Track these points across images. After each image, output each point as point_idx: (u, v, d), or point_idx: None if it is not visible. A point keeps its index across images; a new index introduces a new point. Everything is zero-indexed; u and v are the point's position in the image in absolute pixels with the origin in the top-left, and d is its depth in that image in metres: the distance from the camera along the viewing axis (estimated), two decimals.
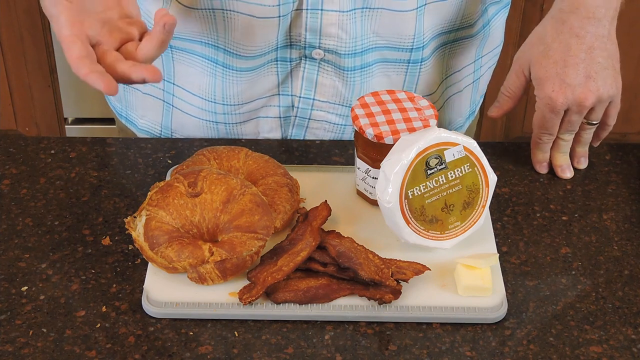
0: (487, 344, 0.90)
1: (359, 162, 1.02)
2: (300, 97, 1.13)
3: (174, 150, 1.13)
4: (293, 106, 1.14)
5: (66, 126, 2.46)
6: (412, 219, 0.95)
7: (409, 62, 1.12)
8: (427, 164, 0.94)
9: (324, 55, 1.09)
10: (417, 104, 1.02)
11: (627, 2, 2.39)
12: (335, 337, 0.90)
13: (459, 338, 0.90)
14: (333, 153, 1.13)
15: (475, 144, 0.96)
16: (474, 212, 0.97)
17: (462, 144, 0.95)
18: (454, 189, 0.95)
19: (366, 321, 0.91)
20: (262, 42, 1.07)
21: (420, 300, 0.92)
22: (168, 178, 1.06)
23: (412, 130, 0.98)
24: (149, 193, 0.96)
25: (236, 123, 1.16)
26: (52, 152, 1.12)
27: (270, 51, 1.09)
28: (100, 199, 1.05)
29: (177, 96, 1.16)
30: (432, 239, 0.96)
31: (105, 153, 1.12)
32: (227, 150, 1.04)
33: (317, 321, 0.91)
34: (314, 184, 1.06)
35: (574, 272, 0.98)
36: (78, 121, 2.46)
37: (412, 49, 1.10)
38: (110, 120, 2.41)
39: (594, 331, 0.91)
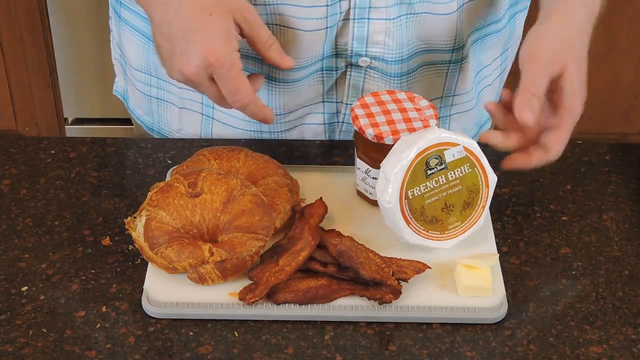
0: (487, 344, 0.90)
1: (359, 162, 1.02)
2: (346, 104, 1.13)
3: (174, 150, 1.13)
4: (338, 112, 1.14)
5: (66, 126, 2.46)
6: (412, 219, 0.95)
7: (450, 63, 1.12)
8: (427, 164, 0.94)
9: (371, 62, 1.09)
10: (417, 104, 1.02)
11: (627, 2, 2.38)
12: (335, 337, 0.90)
13: (459, 338, 0.90)
14: (333, 153, 1.13)
15: (475, 144, 0.96)
16: (474, 213, 0.97)
17: (462, 144, 0.95)
18: (454, 189, 0.95)
19: (366, 321, 0.91)
20: (309, 54, 1.07)
21: (420, 300, 0.92)
22: (168, 178, 1.06)
23: (412, 130, 0.98)
24: (149, 193, 0.96)
25: (281, 131, 1.16)
26: (52, 152, 1.12)
27: (316, 62, 1.09)
28: (100, 199, 1.05)
29: (217, 109, 1.16)
30: (432, 239, 0.96)
31: (105, 153, 1.12)
32: (227, 151, 1.04)
33: (317, 321, 0.91)
34: (314, 184, 1.06)
35: (574, 272, 0.98)
36: (78, 121, 2.46)
37: (453, 49, 1.11)
38: (110, 121, 2.43)
39: (594, 331, 0.91)
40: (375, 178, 1.01)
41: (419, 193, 0.94)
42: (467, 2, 1.09)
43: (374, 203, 1.03)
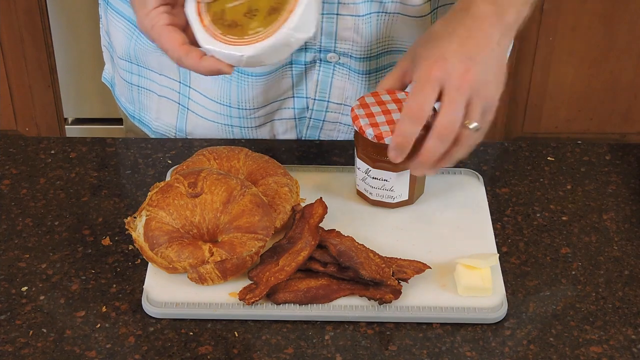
0: (487, 344, 0.90)
1: (359, 162, 1.02)
2: (315, 99, 1.13)
3: (174, 150, 1.13)
4: (308, 108, 1.14)
5: (66, 126, 2.46)
6: (209, 22, 0.88)
7: None
8: None
9: (339, 58, 1.10)
10: None
11: (626, 2, 2.38)
12: (335, 337, 0.90)
13: (459, 338, 0.90)
14: (333, 153, 1.13)
15: None
16: (279, 18, 0.87)
17: None
18: None
19: (366, 321, 0.91)
20: None
21: (420, 300, 0.93)
22: (168, 178, 1.06)
23: None
24: (149, 193, 0.96)
25: (252, 127, 1.16)
26: (52, 152, 1.12)
27: None
28: (100, 199, 1.05)
29: (192, 99, 1.16)
30: (228, 44, 0.87)
31: (105, 153, 1.12)
32: (227, 151, 1.04)
33: (317, 321, 0.91)
34: (314, 184, 1.06)
35: (574, 272, 0.98)
36: (78, 121, 2.47)
37: None
38: (110, 121, 2.43)
39: (594, 331, 0.91)
40: (375, 178, 1.01)
41: None
42: (441, 6, 1.08)
43: (374, 203, 1.03)
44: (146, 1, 0.92)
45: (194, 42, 0.91)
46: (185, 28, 0.92)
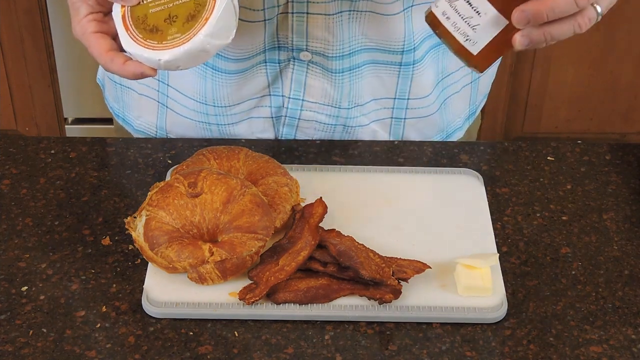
0: (487, 344, 0.90)
1: None
2: (289, 97, 1.13)
3: (174, 150, 1.13)
4: (283, 106, 1.15)
5: (66, 126, 2.46)
6: (132, 27, 0.93)
7: (400, 65, 1.12)
8: None
9: (312, 57, 1.10)
10: None
11: (627, 2, 2.38)
12: (335, 337, 0.90)
13: (459, 338, 0.90)
14: (333, 153, 1.13)
15: None
16: (196, 25, 0.92)
17: None
18: (181, 1, 0.93)
19: (366, 321, 0.91)
20: (250, 45, 1.08)
21: (420, 300, 0.93)
22: (168, 178, 1.06)
23: None
24: (149, 193, 0.96)
25: (229, 124, 1.16)
26: (52, 152, 1.12)
27: (259, 53, 1.09)
28: (100, 199, 1.05)
29: (170, 97, 1.17)
30: (149, 48, 0.92)
31: (105, 153, 1.12)
32: (227, 150, 1.04)
33: (317, 321, 0.91)
34: (314, 184, 1.06)
35: (574, 272, 0.98)
36: (78, 121, 2.47)
37: (403, 51, 1.10)
38: (110, 121, 2.42)
39: (594, 331, 0.91)
40: (469, 3, 0.86)
41: (145, 2, 0.93)
42: (415, 5, 1.08)
43: (442, 34, 0.89)
44: (79, 10, 0.96)
45: (123, 49, 0.95)
46: (116, 36, 0.95)
